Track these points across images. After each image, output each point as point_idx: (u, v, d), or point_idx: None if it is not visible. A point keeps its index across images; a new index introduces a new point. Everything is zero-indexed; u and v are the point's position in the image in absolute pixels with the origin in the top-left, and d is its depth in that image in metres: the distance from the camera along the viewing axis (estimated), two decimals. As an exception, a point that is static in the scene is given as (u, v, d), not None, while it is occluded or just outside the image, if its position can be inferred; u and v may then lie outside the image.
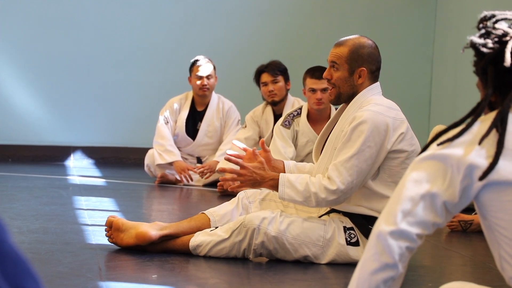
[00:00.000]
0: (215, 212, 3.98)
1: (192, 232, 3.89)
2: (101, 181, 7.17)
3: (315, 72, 5.91)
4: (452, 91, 6.49)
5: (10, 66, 8.54)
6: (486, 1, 7.89)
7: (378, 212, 3.77)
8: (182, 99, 7.32)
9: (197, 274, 3.64)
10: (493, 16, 2.09)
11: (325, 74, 3.90)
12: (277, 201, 4.04)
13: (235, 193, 4.37)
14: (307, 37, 8.96)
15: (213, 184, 7.01)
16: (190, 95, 7.32)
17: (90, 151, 8.73)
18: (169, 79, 8.68)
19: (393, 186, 3.76)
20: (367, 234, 3.79)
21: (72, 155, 8.68)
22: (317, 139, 4.08)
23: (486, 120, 2.01)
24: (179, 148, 7.25)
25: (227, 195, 6.10)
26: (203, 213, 4.00)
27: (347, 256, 3.80)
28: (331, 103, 3.98)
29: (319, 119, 6.05)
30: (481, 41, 2.05)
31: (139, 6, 8.77)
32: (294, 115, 6.09)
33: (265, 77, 6.71)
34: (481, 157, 1.95)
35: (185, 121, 7.24)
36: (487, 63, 2.05)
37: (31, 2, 8.57)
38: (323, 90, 5.89)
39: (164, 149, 7.06)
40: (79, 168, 8.25)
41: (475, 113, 2.01)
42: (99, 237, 4.17)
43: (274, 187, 3.77)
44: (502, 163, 1.95)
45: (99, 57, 8.72)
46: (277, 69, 6.70)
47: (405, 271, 2.02)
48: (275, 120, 6.66)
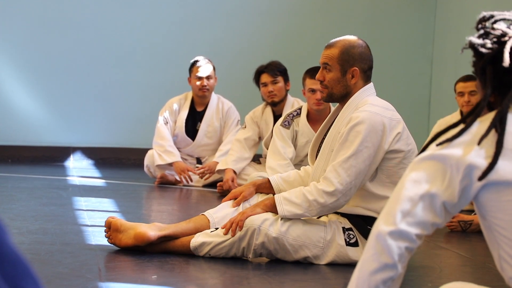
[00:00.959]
0: (215, 213, 3.98)
1: (191, 233, 3.89)
2: (100, 182, 7.17)
3: (315, 72, 5.88)
4: (451, 92, 6.50)
5: (9, 66, 8.54)
6: (485, 1, 7.89)
7: (376, 212, 3.78)
8: (181, 100, 7.32)
9: (196, 274, 3.64)
10: (492, 16, 2.09)
11: (317, 76, 3.91)
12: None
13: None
14: (306, 37, 8.96)
15: (212, 184, 7.01)
16: (189, 95, 7.32)
17: (89, 152, 8.73)
18: (169, 80, 8.68)
19: (391, 186, 3.77)
20: (366, 234, 3.79)
21: (71, 156, 8.68)
22: (312, 142, 4.08)
23: (485, 120, 2.01)
24: (178, 148, 7.25)
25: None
26: (202, 214, 4.00)
27: (346, 256, 3.80)
28: (324, 101, 3.99)
29: (318, 119, 6.05)
30: (480, 41, 2.05)
31: (139, 6, 8.77)
32: (293, 116, 6.09)
33: (265, 78, 6.71)
34: (480, 157, 1.95)
35: (184, 121, 7.24)
36: (486, 64, 2.05)
37: (31, 2, 8.57)
38: (322, 90, 5.89)
39: (163, 150, 7.06)
40: (79, 168, 8.25)
41: (474, 113, 2.01)
42: (98, 237, 4.17)
43: (271, 208, 3.79)
44: (501, 163, 1.95)
45: (98, 57, 8.72)
46: (276, 70, 6.70)
47: (404, 271, 2.03)
48: (275, 120, 6.66)
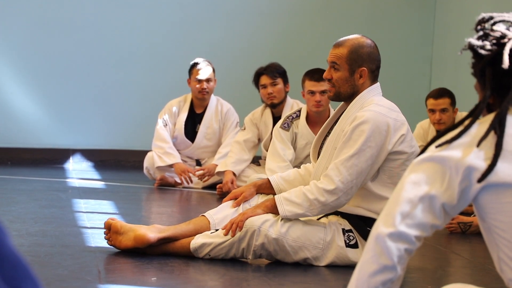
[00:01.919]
0: (215, 214, 3.97)
1: (191, 235, 3.89)
2: (100, 184, 7.17)
3: (314, 74, 5.91)
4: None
5: (9, 68, 8.54)
6: (485, 2, 7.89)
7: (377, 213, 3.77)
8: (181, 102, 7.32)
9: (196, 276, 3.64)
10: (491, 18, 2.09)
11: (325, 74, 3.90)
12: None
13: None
14: (306, 39, 8.96)
15: (212, 186, 7.01)
16: (188, 97, 7.32)
17: (89, 154, 8.73)
18: (169, 81, 8.68)
19: (393, 187, 3.76)
20: (366, 236, 3.79)
21: (71, 158, 8.68)
22: (314, 140, 4.08)
23: (484, 122, 2.01)
24: (178, 150, 7.25)
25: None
26: (203, 215, 3.99)
27: (346, 258, 3.80)
28: (330, 99, 3.98)
29: (318, 121, 6.05)
30: (479, 43, 2.05)
31: (138, 7, 8.77)
32: (293, 117, 6.09)
33: (264, 80, 6.71)
34: (479, 159, 1.95)
35: (184, 123, 7.24)
36: (485, 65, 2.05)
37: (30, 4, 8.57)
38: (322, 92, 5.89)
39: (163, 152, 7.07)
40: (78, 170, 8.25)
41: (473, 115, 2.01)
42: (98, 239, 4.17)
43: (272, 208, 3.78)
44: (500, 165, 1.95)
45: (98, 59, 8.72)
46: (276, 72, 6.70)
47: (403, 273, 2.02)
48: (274, 122, 6.66)
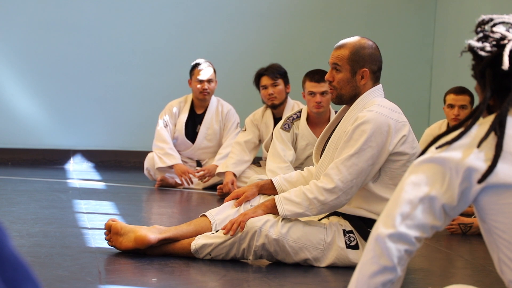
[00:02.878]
0: (217, 215, 3.97)
1: (191, 235, 3.89)
2: (100, 185, 7.17)
3: (315, 75, 5.91)
4: (451, 94, 6.53)
5: (10, 69, 8.54)
6: (485, 4, 7.90)
7: (378, 214, 3.77)
8: (181, 102, 7.32)
9: (196, 277, 3.64)
10: (491, 19, 2.09)
11: (327, 76, 3.90)
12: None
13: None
14: (306, 40, 8.97)
15: (212, 187, 7.01)
16: (189, 98, 7.32)
17: (89, 155, 8.73)
18: (169, 83, 8.68)
19: (394, 188, 3.76)
20: (367, 237, 3.79)
21: (71, 159, 8.68)
22: (317, 141, 4.08)
23: (484, 123, 2.01)
24: (178, 151, 7.25)
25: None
26: (203, 215, 3.99)
27: (346, 259, 3.80)
28: (333, 102, 3.98)
29: (318, 122, 6.05)
30: (479, 44, 2.05)
31: (139, 10, 8.77)
32: (293, 118, 6.09)
33: (265, 80, 6.71)
34: (479, 160, 1.95)
35: (184, 124, 7.25)
36: (485, 67, 2.05)
37: (31, 5, 8.57)
38: (322, 93, 5.89)
39: (164, 153, 7.07)
40: (79, 171, 8.25)
41: (474, 116, 2.01)
42: (98, 240, 4.17)
43: (272, 208, 3.78)
44: (500, 166, 1.95)
45: (99, 60, 8.72)
46: (276, 72, 6.70)
47: (404, 274, 2.03)
48: (275, 123, 6.66)
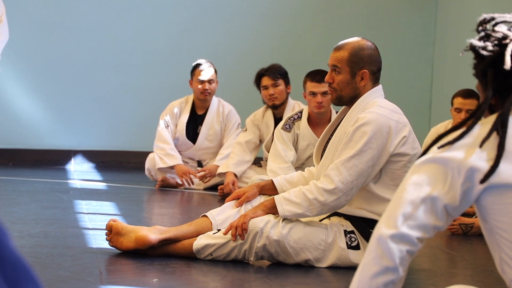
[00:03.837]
0: (218, 215, 3.97)
1: (192, 236, 3.89)
2: (101, 185, 7.17)
3: (316, 75, 5.91)
4: (452, 94, 6.51)
5: (11, 69, 8.54)
6: (486, 4, 7.89)
7: (379, 215, 3.77)
8: (182, 103, 7.32)
9: (197, 278, 3.64)
10: (493, 19, 2.09)
11: (326, 78, 3.90)
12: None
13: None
14: (307, 40, 8.96)
15: (213, 187, 7.01)
16: (190, 98, 7.32)
17: (90, 155, 8.73)
18: (170, 83, 8.68)
19: (395, 189, 3.75)
20: (368, 237, 3.79)
21: (72, 159, 8.68)
22: (318, 142, 4.08)
23: (486, 123, 2.00)
24: (179, 152, 7.26)
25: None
26: (204, 215, 3.99)
27: (347, 259, 3.80)
28: (332, 103, 3.98)
29: (319, 122, 6.05)
30: (481, 44, 2.05)
31: (140, 10, 8.77)
32: (294, 119, 6.09)
33: (266, 81, 6.72)
34: (481, 160, 1.95)
35: (185, 125, 7.25)
36: (487, 66, 2.04)
37: (32, 6, 8.58)
38: (323, 93, 5.89)
39: (165, 153, 7.07)
40: (80, 172, 8.25)
41: (475, 116, 2.00)
42: (99, 241, 4.17)
43: (271, 209, 3.78)
44: (503, 166, 1.94)
45: (99, 60, 8.72)
46: (277, 73, 6.70)
47: (405, 275, 2.02)
48: (276, 123, 6.66)
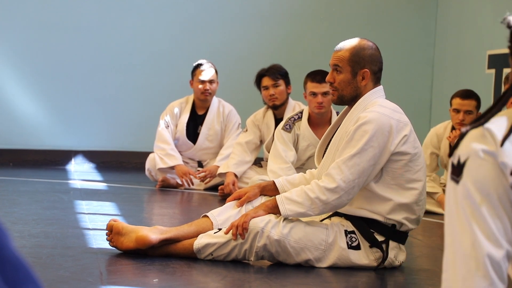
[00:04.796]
0: (218, 216, 3.97)
1: (193, 236, 3.89)
2: (102, 185, 7.17)
3: (316, 76, 5.91)
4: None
5: (11, 70, 8.54)
6: (485, 4, 7.89)
7: (380, 215, 3.77)
8: (182, 103, 7.33)
9: (198, 278, 3.64)
10: None
11: (328, 77, 3.91)
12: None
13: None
14: (308, 41, 8.97)
15: (214, 188, 7.01)
16: (190, 99, 7.32)
17: (91, 155, 8.74)
18: (170, 84, 8.68)
19: (396, 188, 3.77)
20: (368, 237, 3.79)
21: (73, 159, 8.68)
22: (319, 143, 4.08)
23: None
24: (180, 152, 7.26)
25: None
26: (205, 215, 3.98)
27: (348, 259, 3.80)
28: (334, 103, 3.99)
29: (320, 123, 6.05)
30: None
31: (140, 11, 8.77)
32: (295, 119, 6.09)
33: (266, 81, 6.71)
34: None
35: (185, 125, 7.25)
36: None
37: (32, 6, 8.58)
38: (324, 94, 5.89)
39: (165, 153, 7.07)
40: (80, 172, 8.25)
41: (502, 100, 1.81)
42: (100, 241, 4.17)
43: (273, 208, 3.78)
44: None
45: (100, 61, 8.73)
46: (278, 73, 6.70)
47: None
48: (276, 124, 6.65)
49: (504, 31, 1.87)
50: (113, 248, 3.92)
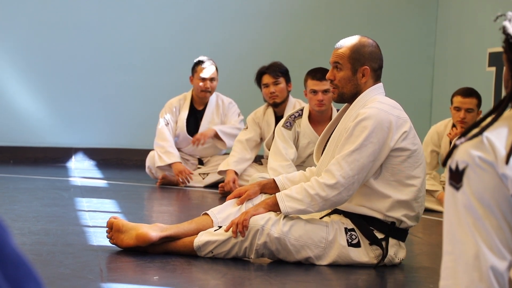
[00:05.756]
0: (219, 213, 3.97)
1: (193, 234, 3.89)
2: (102, 183, 7.17)
3: (316, 73, 5.91)
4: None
5: (12, 67, 8.54)
6: (486, 3, 7.89)
7: (379, 212, 3.77)
8: (181, 100, 7.33)
9: (198, 275, 3.64)
10: None
11: (328, 75, 3.91)
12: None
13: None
14: (308, 39, 8.97)
15: (214, 185, 7.01)
16: (188, 95, 7.33)
17: (91, 153, 8.74)
18: (171, 82, 8.68)
19: (395, 185, 3.77)
20: (368, 235, 3.79)
21: (73, 157, 8.69)
22: (319, 140, 4.08)
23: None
24: (180, 149, 7.26)
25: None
26: (205, 213, 3.99)
27: (348, 257, 3.80)
28: (334, 101, 4.00)
29: (320, 120, 6.05)
30: None
31: (141, 9, 8.77)
32: (295, 117, 6.09)
33: (267, 79, 6.71)
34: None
35: (185, 121, 7.25)
36: None
37: (33, 5, 8.58)
38: (324, 91, 5.89)
39: (164, 151, 7.07)
40: (81, 169, 8.25)
41: (500, 109, 1.81)
42: (100, 238, 4.17)
43: (273, 206, 3.78)
44: None
45: (101, 59, 8.73)
46: (278, 71, 6.70)
47: None
48: (276, 121, 6.66)
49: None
50: (113, 245, 3.92)
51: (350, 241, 3.81)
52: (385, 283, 3.71)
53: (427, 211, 5.78)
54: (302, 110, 6.11)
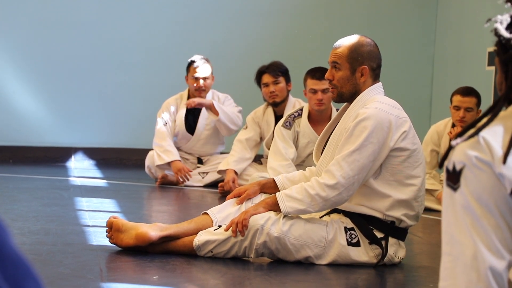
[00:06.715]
0: (218, 213, 3.97)
1: (193, 233, 3.89)
2: (102, 182, 7.17)
3: (316, 73, 5.91)
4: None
5: (11, 67, 8.54)
6: (486, 2, 7.88)
7: (379, 211, 3.77)
8: (177, 99, 7.34)
9: (198, 275, 3.64)
10: None
11: (327, 75, 3.91)
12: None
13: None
14: (308, 38, 8.96)
15: (213, 185, 7.01)
16: (184, 94, 7.34)
17: (91, 152, 8.74)
18: (170, 81, 8.68)
19: (395, 184, 3.77)
20: (368, 234, 3.79)
21: (73, 156, 8.68)
22: (318, 140, 4.08)
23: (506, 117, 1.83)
24: (179, 147, 7.27)
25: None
26: (205, 213, 3.99)
27: (348, 256, 3.80)
28: (333, 101, 4.00)
29: (320, 120, 6.05)
30: (508, 35, 1.80)
31: (141, 8, 8.77)
32: (295, 116, 6.09)
33: (266, 78, 6.71)
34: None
35: (183, 119, 7.25)
36: (510, 59, 1.83)
37: (33, 3, 8.58)
38: (324, 91, 5.89)
39: (163, 150, 7.08)
40: (80, 169, 8.25)
41: (494, 111, 1.81)
42: (100, 238, 4.17)
43: (273, 206, 3.78)
44: None
45: (100, 58, 8.72)
46: (278, 70, 6.70)
47: None
48: (276, 121, 6.66)
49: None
50: (113, 245, 3.92)
51: (349, 240, 3.81)
52: (385, 283, 3.71)
53: (427, 210, 5.78)
54: (301, 109, 6.11)
